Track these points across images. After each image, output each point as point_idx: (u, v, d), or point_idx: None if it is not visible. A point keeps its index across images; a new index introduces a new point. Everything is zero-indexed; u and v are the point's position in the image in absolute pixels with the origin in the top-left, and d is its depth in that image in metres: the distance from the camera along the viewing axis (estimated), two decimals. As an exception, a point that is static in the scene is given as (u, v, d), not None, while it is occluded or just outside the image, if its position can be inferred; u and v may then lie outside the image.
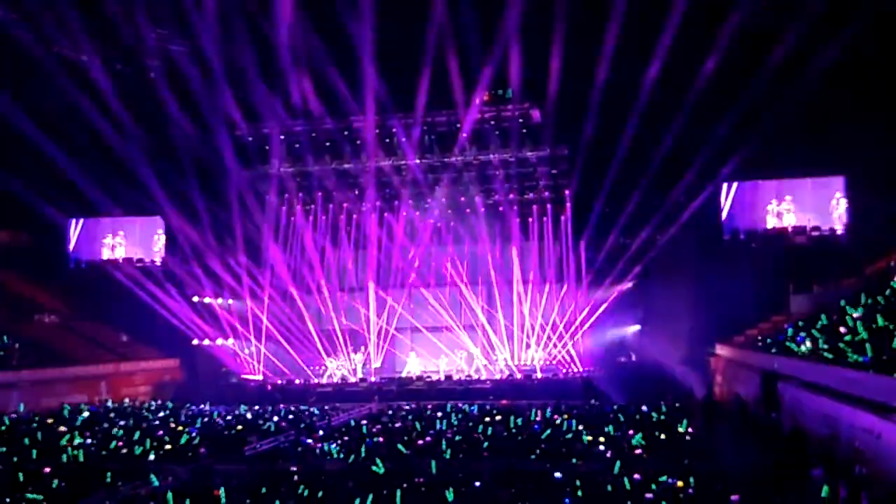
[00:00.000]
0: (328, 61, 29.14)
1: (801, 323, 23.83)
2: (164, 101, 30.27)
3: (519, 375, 34.22)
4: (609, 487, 13.54)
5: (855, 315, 20.49)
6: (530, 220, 37.77)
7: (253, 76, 30.92)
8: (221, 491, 13.59)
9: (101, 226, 38.20)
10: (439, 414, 24.51)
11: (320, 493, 13.52)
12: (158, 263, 38.37)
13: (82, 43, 29.19)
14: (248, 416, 26.50)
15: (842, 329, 20.09)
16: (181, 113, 30.54)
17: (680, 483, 13.70)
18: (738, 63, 27.05)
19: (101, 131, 29.58)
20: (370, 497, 13.07)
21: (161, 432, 22.34)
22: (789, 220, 33.02)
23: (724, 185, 33.23)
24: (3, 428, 23.32)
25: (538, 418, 22.76)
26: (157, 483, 14.99)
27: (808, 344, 20.75)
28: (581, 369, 34.51)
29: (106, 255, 38.98)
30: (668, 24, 26.16)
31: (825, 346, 19.55)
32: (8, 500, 13.83)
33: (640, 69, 27.89)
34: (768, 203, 33.32)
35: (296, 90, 30.96)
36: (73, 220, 37.67)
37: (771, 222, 33.26)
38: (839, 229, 31.82)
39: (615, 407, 25.22)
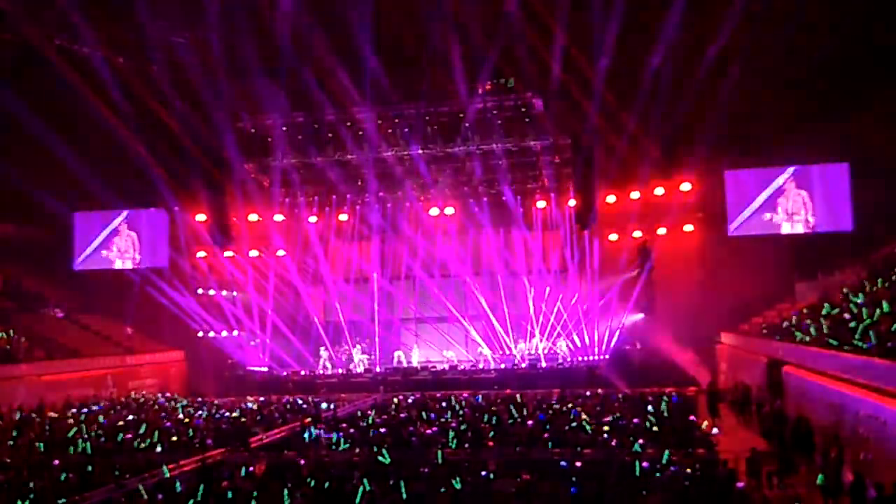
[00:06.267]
0: (329, 51, 29.06)
1: (805, 310, 23.84)
2: (166, 92, 30.23)
3: (524, 364, 34.26)
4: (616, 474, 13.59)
5: (859, 301, 20.48)
6: (533, 209, 37.72)
7: (255, 67, 30.86)
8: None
9: (106, 219, 38.14)
10: (444, 404, 24.60)
11: (327, 484, 13.59)
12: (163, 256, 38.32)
13: (84, 35, 29.13)
14: (254, 407, 26.61)
15: (846, 316, 20.09)
16: (183, 105, 30.50)
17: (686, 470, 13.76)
18: (739, 49, 26.91)
19: (104, 124, 29.56)
20: (377, 487, 13.14)
21: (168, 424, 22.47)
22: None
23: (727, 174, 33.06)
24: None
25: (543, 407, 22.83)
26: (167, 475, 15.07)
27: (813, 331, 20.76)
28: (585, 358, 34.53)
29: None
30: (669, 11, 26.03)
31: (830, 333, 19.55)
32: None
33: (642, 57, 27.78)
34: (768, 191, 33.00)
35: (297, 81, 30.90)
36: (78, 214, 37.64)
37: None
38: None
39: (620, 395, 25.27)
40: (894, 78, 25.75)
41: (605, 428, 18.59)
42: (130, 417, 24.76)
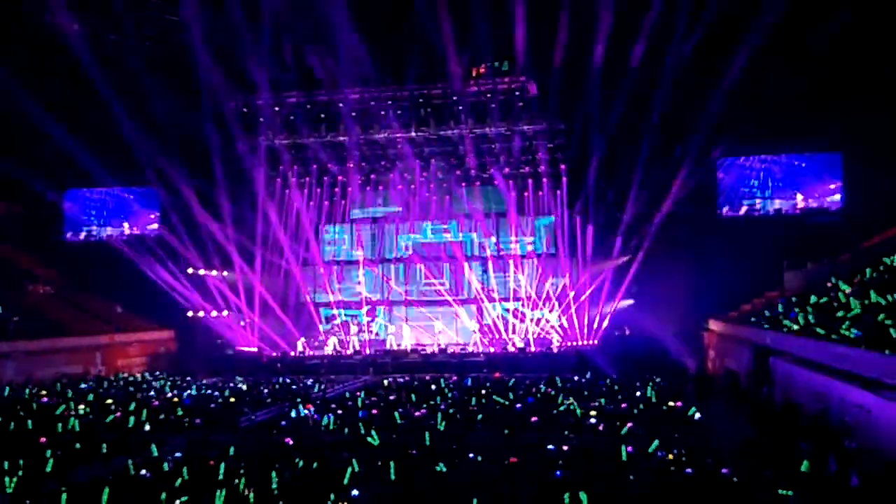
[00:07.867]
0: (323, 30, 28.87)
1: (794, 299, 23.94)
2: (156, 72, 29.98)
3: (513, 348, 34.38)
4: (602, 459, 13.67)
5: (847, 291, 20.59)
6: (526, 193, 37.71)
7: (246, 46, 30.59)
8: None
9: (96, 197, 37.97)
10: (433, 387, 24.67)
11: (315, 465, 13.62)
12: (153, 235, 38.28)
13: (73, 12, 28.84)
14: (244, 387, 26.61)
15: (834, 305, 20.20)
16: (174, 84, 30.27)
17: (671, 456, 13.83)
18: (734, 37, 26.88)
19: (94, 103, 29.32)
20: (365, 468, 13.18)
21: (156, 403, 22.45)
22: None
23: (720, 161, 33.17)
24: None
25: (531, 391, 22.92)
26: (156, 454, 15.06)
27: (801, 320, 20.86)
28: (575, 343, 34.67)
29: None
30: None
31: (817, 322, 19.65)
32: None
33: (637, 42, 27.72)
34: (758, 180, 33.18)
35: (290, 61, 30.70)
36: (68, 192, 37.46)
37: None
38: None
39: (608, 381, 25.38)
40: (889, 67, 25.78)
41: (593, 413, 18.68)
42: (119, 395, 24.71)
